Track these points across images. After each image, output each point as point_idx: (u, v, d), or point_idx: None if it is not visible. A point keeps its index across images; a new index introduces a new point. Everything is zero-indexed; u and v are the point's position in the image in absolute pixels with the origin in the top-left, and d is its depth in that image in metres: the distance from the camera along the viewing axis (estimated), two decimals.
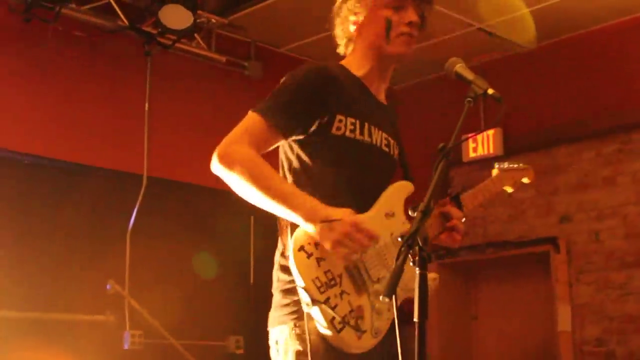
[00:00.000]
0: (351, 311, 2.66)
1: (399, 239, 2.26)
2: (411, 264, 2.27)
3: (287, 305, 2.78)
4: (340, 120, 2.85)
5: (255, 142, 2.77)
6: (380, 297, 2.20)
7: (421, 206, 2.33)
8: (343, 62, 3.08)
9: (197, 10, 6.82)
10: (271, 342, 2.84)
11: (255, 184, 2.69)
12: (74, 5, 6.62)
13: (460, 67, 2.79)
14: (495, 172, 3.45)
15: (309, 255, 2.65)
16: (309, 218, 2.65)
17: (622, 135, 7.53)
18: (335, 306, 2.62)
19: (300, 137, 2.87)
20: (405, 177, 3.06)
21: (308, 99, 2.83)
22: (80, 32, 6.84)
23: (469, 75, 2.74)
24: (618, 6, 7.29)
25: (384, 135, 3.01)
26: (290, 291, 2.76)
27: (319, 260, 2.66)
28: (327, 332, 2.62)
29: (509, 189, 3.46)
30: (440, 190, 2.39)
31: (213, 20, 7.31)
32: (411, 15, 2.99)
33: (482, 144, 8.11)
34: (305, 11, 7.27)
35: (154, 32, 6.84)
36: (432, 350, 8.15)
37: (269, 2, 7.18)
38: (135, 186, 6.77)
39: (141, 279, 6.73)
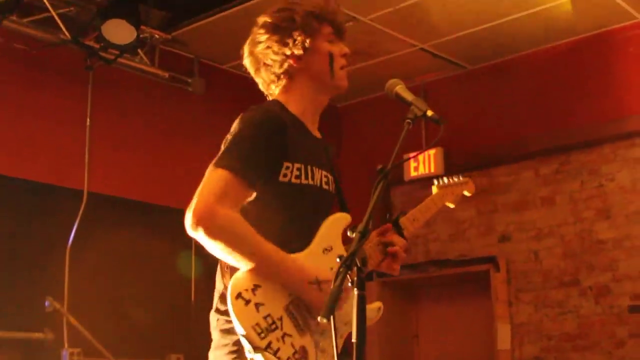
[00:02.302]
0: (294, 353, 2.64)
1: (337, 260, 2.26)
2: (349, 284, 2.28)
3: (226, 345, 2.76)
4: (287, 167, 2.82)
5: (234, 203, 2.70)
6: (318, 318, 2.19)
7: (360, 227, 2.34)
8: (279, 99, 3.02)
9: (141, 25, 6.78)
10: None
11: (239, 252, 2.64)
12: (15, 18, 6.53)
13: (400, 89, 2.80)
14: (434, 189, 3.47)
15: (247, 302, 2.61)
16: (297, 281, 2.68)
17: (561, 156, 7.65)
18: (278, 350, 2.59)
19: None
20: (342, 209, 3.04)
21: (264, 148, 2.78)
22: (22, 45, 6.76)
23: (408, 96, 2.75)
24: (558, 29, 7.42)
25: (323, 173, 2.98)
26: (229, 331, 2.72)
27: (257, 305, 2.62)
28: None
29: (451, 205, 3.49)
30: (379, 211, 2.40)
31: (156, 36, 7.29)
32: (344, 48, 3.03)
33: (423, 163, 8.17)
34: (249, 28, 7.26)
35: (97, 46, 6.79)
36: None
37: (212, 19, 7.18)
38: (76, 202, 6.70)
39: (80, 295, 6.64)
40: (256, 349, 2.56)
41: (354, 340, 2.23)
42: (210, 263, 2.96)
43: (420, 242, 8.34)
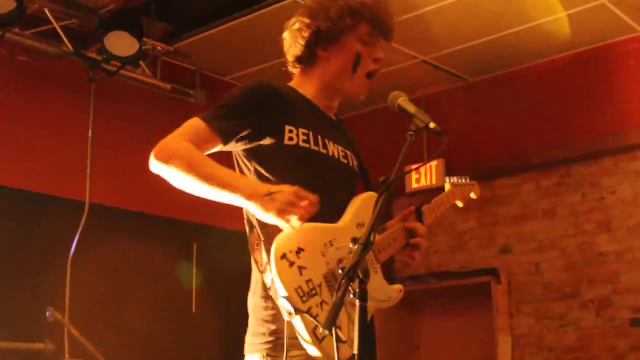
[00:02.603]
0: None
1: (340, 271, 2.27)
2: (351, 296, 2.28)
3: (263, 334, 2.76)
4: (291, 131, 2.82)
5: (193, 140, 2.73)
6: (320, 329, 2.19)
7: (362, 239, 2.33)
8: (292, 83, 3.04)
9: (143, 37, 6.80)
10: None
11: (193, 174, 2.65)
12: (18, 30, 6.56)
13: (403, 101, 2.80)
14: (447, 186, 3.51)
15: (291, 264, 2.59)
16: (251, 196, 2.62)
17: (562, 168, 7.66)
18: (317, 315, 2.56)
19: (251, 146, 2.84)
20: (367, 189, 3.01)
21: (249, 106, 2.80)
22: (24, 57, 6.78)
23: (410, 108, 2.75)
24: (559, 42, 7.44)
25: (340, 147, 2.97)
26: (267, 320, 2.74)
27: (300, 268, 2.60)
28: (309, 342, 2.56)
29: (460, 203, 3.53)
30: (381, 222, 2.41)
31: (158, 48, 7.31)
32: (379, 52, 2.99)
33: (425, 175, 8.18)
34: (250, 41, 7.31)
35: (99, 58, 6.80)
36: None
37: (214, 31, 7.20)
38: (77, 212, 6.70)
39: (82, 306, 6.64)
40: (297, 311, 2.54)
41: (354, 351, 2.24)
42: (210, 274, 2.98)
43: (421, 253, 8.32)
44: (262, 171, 2.84)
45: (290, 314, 2.56)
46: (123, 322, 6.97)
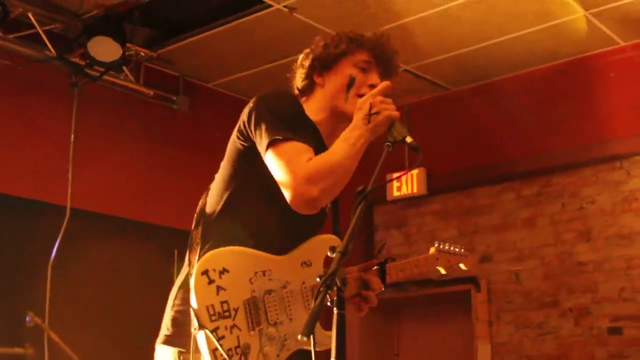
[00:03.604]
0: (237, 347, 2.64)
1: (317, 279, 2.28)
2: (329, 303, 2.30)
3: (180, 327, 2.78)
4: None
5: (305, 159, 2.71)
6: (299, 337, 2.21)
7: (340, 247, 2.34)
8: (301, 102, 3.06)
9: (126, 43, 6.80)
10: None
11: (338, 169, 2.68)
12: (0, 34, 6.55)
13: None
14: (432, 250, 3.42)
15: (210, 282, 2.64)
16: (361, 125, 2.72)
17: (542, 178, 7.71)
18: (223, 337, 2.60)
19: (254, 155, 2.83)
20: (334, 230, 3.02)
21: (297, 117, 2.87)
22: (7, 61, 6.77)
23: None
24: (541, 52, 7.49)
25: None
26: (185, 313, 2.75)
27: (219, 288, 2.65)
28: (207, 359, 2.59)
29: (443, 271, 3.46)
30: (359, 231, 2.41)
31: (142, 54, 7.31)
32: (374, 79, 3.01)
33: (406, 184, 8.22)
34: (234, 48, 7.32)
35: (82, 63, 6.80)
36: None
37: (198, 38, 7.21)
38: (58, 218, 6.69)
39: (62, 311, 6.63)
40: (201, 327, 2.59)
41: (332, 358, 2.26)
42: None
43: None
44: (252, 174, 2.83)
45: (195, 328, 2.61)
46: (103, 327, 6.96)
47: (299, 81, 3.07)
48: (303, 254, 2.86)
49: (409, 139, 2.66)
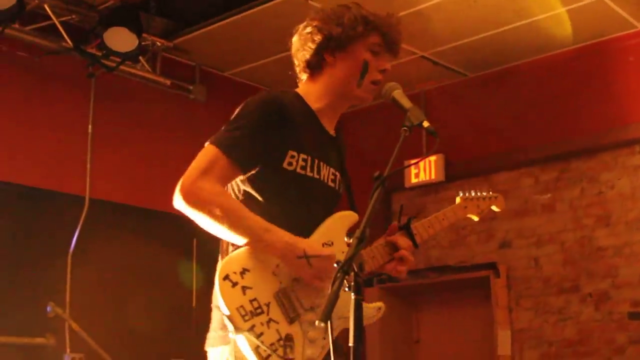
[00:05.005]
0: (279, 339, 2.65)
1: (335, 265, 2.29)
2: (346, 289, 2.30)
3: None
4: (293, 156, 2.84)
5: (219, 178, 2.75)
6: (316, 322, 2.21)
7: (357, 233, 2.35)
8: (299, 91, 3.03)
9: (143, 33, 6.82)
10: None
11: (228, 225, 2.69)
12: (17, 26, 6.58)
13: (398, 94, 2.80)
14: (458, 200, 3.39)
15: (234, 285, 2.65)
16: (285, 255, 2.68)
17: (561, 163, 7.67)
18: (261, 334, 2.62)
19: (252, 172, 2.85)
20: (351, 208, 3.02)
21: (266, 136, 2.80)
22: (24, 53, 6.80)
23: (405, 103, 2.75)
24: (558, 38, 7.44)
25: (332, 170, 3.00)
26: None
27: (244, 288, 2.66)
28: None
29: (475, 217, 3.41)
30: (378, 217, 2.41)
31: (158, 44, 7.33)
32: (386, 63, 2.99)
33: (424, 170, 8.20)
34: (250, 36, 7.32)
35: (99, 54, 6.82)
36: None
37: (214, 27, 7.21)
38: (78, 208, 6.72)
39: (82, 301, 6.67)
40: (237, 329, 2.60)
41: (350, 344, 2.26)
42: (211, 269, 2.99)
43: (420, 248, 8.26)
44: (252, 192, 2.86)
45: (232, 332, 2.63)
46: (123, 317, 7.00)
47: (306, 53, 3.01)
48: (323, 236, 2.87)
49: (425, 124, 2.65)
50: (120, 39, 6.67)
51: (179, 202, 2.74)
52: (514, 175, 7.97)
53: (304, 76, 3.06)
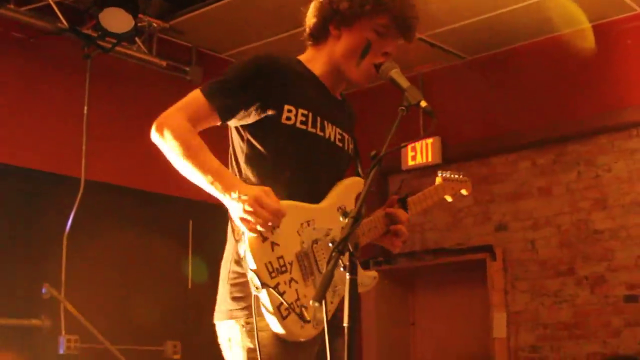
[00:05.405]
0: (297, 299, 2.66)
1: (330, 245, 2.28)
2: (342, 269, 2.29)
3: (239, 299, 2.76)
4: (290, 111, 2.83)
5: (192, 117, 2.78)
6: (310, 302, 2.21)
7: (352, 212, 2.34)
8: (301, 57, 3.04)
9: (139, 13, 6.79)
10: (221, 337, 2.82)
11: (184, 155, 2.70)
12: (12, 6, 6.55)
13: (395, 73, 2.81)
14: (438, 180, 3.47)
15: (264, 239, 2.63)
16: (224, 191, 2.66)
17: (558, 146, 7.66)
18: (284, 293, 2.62)
19: (248, 122, 2.85)
20: (356, 174, 3.04)
21: (250, 83, 2.82)
22: (19, 34, 6.77)
23: (403, 83, 2.75)
24: (554, 21, 7.41)
25: (338, 130, 2.99)
26: (243, 285, 2.74)
27: (273, 244, 2.65)
28: (273, 318, 2.60)
29: (449, 198, 3.50)
30: (372, 199, 2.40)
31: (154, 24, 7.29)
32: (390, 46, 2.96)
33: (420, 152, 8.19)
34: (247, 17, 7.29)
35: (94, 35, 6.79)
36: (370, 356, 8.21)
37: (210, 8, 7.18)
38: (73, 189, 6.71)
39: (77, 282, 6.67)
40: (264, 285, 2.58)
41: (345, 324, 2.26)
42: (207, 251, 2.98)
43: (417, 230, 8.36)
44: (255, 143, 2.86)
45: (257, 288, 2.60)
46: (119, 298, 7.00)
47: (312, 21, 3.02)
48: (337, 200, 2.88)
49: (423, 103, 2.64)
50: (116, 20, 6.64)
51: (152, 133, 2.78)
52: (511, 158, 7.96)
53: (308, 43, 3.07)
